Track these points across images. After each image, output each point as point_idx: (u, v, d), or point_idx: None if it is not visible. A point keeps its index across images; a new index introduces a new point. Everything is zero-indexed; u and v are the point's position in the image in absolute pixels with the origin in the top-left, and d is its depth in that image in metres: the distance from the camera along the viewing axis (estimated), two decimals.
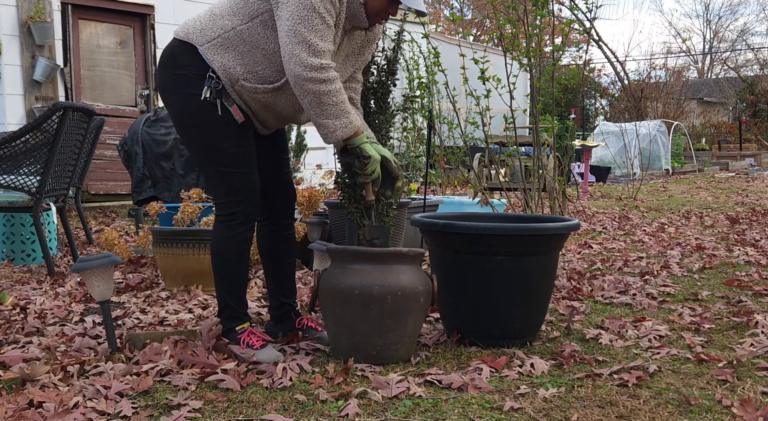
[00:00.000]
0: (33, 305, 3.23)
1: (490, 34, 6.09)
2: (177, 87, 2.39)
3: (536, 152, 5.59)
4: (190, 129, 2.43)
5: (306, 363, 2.32)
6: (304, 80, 2.25)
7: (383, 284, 2.31)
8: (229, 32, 2.33)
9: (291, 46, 2.24)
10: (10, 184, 4.03)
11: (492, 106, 5.32)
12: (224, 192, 2.43)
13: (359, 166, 2.43)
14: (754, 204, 8.47)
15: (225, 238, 2.45)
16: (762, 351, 2.47)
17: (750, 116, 26.16)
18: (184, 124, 2.45)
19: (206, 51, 2.33)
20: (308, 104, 2.30)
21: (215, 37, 2.34)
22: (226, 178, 2.41)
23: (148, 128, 6.88)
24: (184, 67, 2.37)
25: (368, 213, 2.63)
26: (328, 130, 2.33)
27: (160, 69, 2.46)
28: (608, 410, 1.97)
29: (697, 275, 3.98)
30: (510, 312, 2.57)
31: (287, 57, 2.25)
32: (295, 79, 2.26)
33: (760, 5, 45.70)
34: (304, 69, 2.23)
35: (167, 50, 2.44)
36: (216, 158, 2.40)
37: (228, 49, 2.33)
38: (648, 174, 14.26)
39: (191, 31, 2.37)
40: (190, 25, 2.39)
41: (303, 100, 2.30)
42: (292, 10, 2.23)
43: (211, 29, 2.35)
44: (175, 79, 2.39)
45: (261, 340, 2.46)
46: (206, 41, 2.34)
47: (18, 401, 1.97)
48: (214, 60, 2.33)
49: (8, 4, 7.60)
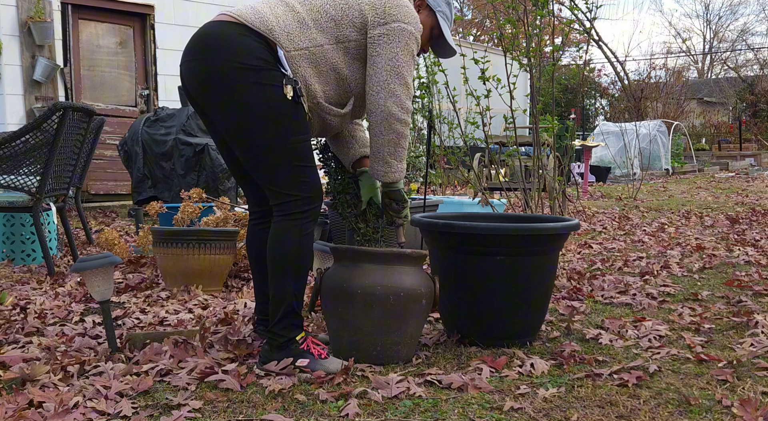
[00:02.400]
0: (33, 305, 3.23)
1: (490, 34, 6.08)
2: (255, 79, 2.20)
3: (536, 152, 5.59)
4: (268, 123, 2.23)
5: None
6: (396, 120, 2.32)
7: (386, 284, 2.32)
8: (318, 48, 2.28)
9: (392, 85, 2.29)
10: (10, 184, 4.03)
11: (492, 106, 5.32)
12: (302, 188, 2.29)
13: (397, 208, 2.53)
14: (754, 204, 8.47)
15: (300, 236, 2.29)
16: (762, 351, 2.47)
17: (750, 116, 26.17)
18: (260, 118, 2.23)
19: (294, 59, 2.24)
20: (386, 142, 2.35)
21: (304, 48, 2.26)
22: (305, 172, 2.30)
23: (148, 128, 6.88)
24: (260, 59, 2.20)
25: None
26: (391, 169, 2.40)
27: (217, 53, 2.21)
28: (608, 410, 1.97)
29: (697, 275, 3.98)
30: (510, 312, 2.57)
31: (384, 94, 2.29)
32: (386, 116, 2.31)
33: (760, 5, 45.69)
34: (400, 110, 2.31)
35: (228, 35, 2.22)
36: (296, 154, 2.28)
37: (311, 63, 2.27)
38: (648, 174, 14.26)
39: (276, 30, 2.22)
40: (272, 21, 2.23)
41: (383, 137, 2.34)
42: (397, 52, 2.29)
43: (299, 38, 2.25)
44: (250, 71, 2.20)
45: (323, 348, 2.35)
46: (295, 49, 2.24)
47: (18, 401, 1.97)
48: (298, 71, 2.25)
49: (8, 4, 7.61)
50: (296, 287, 2.31)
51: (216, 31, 2.25)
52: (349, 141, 2.64)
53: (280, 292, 2.30)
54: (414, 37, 2.34)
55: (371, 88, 2.32)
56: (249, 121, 2.24)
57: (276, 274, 2.31)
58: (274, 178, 2.29)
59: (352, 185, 2.69)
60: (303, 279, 2.34)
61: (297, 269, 2.31)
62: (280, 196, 2.29)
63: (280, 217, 2.31)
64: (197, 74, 2.27)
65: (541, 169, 5.64)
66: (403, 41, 2.30)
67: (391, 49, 2.29)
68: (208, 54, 2.23)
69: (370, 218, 2.64)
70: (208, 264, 3.56)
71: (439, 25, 2.53)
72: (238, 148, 2.32)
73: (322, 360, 2.28)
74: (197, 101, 2.34)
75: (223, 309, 3.13)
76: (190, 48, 2.29)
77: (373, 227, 2.65)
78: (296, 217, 2.29)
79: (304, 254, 2.31)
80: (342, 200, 2.73)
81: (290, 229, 2.29)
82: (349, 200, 2.69)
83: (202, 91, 2.28)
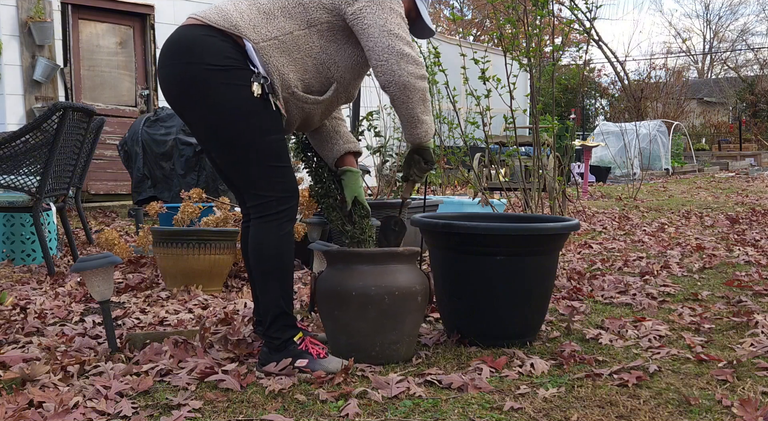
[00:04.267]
0: (33, 305, 3.23)
1: (490, 34, 6.08)
2: (222, 79, 2.19)
3: (536, 152, 5.59)
4: (237, 124, 2.21)
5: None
6: (416, 78, 2.28)
7: (380, 284, 2.31)
8: (287, 36, 2.24)
9: (397, 46, 2.24)
10: (10, 184, 4.03)
11: (492, 106, 5.33)
12: (276, 188, 2.27)
13: (425, 168, 2.50)
14: (754, 204, 8.47)
15: (278, 237, 2.27)
16: (762, 351, 2.47)
17: (750, 116, 26.17)
18: (230, 119, 2.21)
19: (264, 50, 2.20)
20: (415, 101, 2.31)
21: (272, 38, 2.22)
22: (280, 172, 2.27)
23: (148, 128, 6.88)
24: (228, 58, 2.19)
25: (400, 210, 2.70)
26: (428, 126, 2.38)
27: (184, 57, 2.21)
28: (608, 410, 1.97)
29: (697, 275, 3.98)
30: (510, 312, 2.57)
31: (394, 58, 2.24)
32: (408, 77, 2.26)
33: (760, 5, 45.72)
34: (416, 66, 2.28)
35: (194, 38, 2.21)
36: (268, 153, 2.25)
37: (283, 52, 2.24)
38: (648, 174, 14.26)
39: (240, 24, 2.19)
40: (235, 17, 2.21)
41: (411, 99, 2.30)
42: (386, 17, 2.25)
43: (266, 28, 2.22)
44: (218, 71, 2.18)
45: (322, 347, 2.33)
46: (263, 40, 2.20)
47: (18, 401, 1.97)
48: (269, 62, 2.20)
49: (8, 4, 7.61)
50: (282, 289, 2.29)
51: (183, 36, 2.25)
52: (333, 137, 2.57)
53: (268, 295, 2.29)
54: (397, 1, 2.29)
55: (377, 60, 2.26)
56: (220, 123, 2.23)
57: (260, 278, 2.30)
58: (248, 179, 2.28)
59: (334, 188, 2.62)
60: (288, 279, 2.32)
61: (280, 271, 2.29)
62: (255, 198, 2.29)
63: (257, 219, 2.29)
64: (169, 80, 2.28)
65: (541, 169, 5.64)
66: (387, 6, 2.26)
67: (379, 16, 2.25)
68: (176, 59, 2.24)
69: (356, 219, 2.60)
70: (208, 264, 3.56)
71: (416, 8, 2.46)
72: (213, 150, 2.33)
73: (321, 360, 2.27)
74: (174, 107, 2.34)
75: (223, 309, 3.13)
76: (162, 55, 2.30)
77: (360, 228, 2.62)
78: (272, 218, 2.27)
79: (285, 254, 2.29)
80: (326, 204, 2.68)
81: (268, 231, 2.27)
82: (332, 204, 2.63)
83: (175, 96, 2.29)
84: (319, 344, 2.35)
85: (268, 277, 2.29)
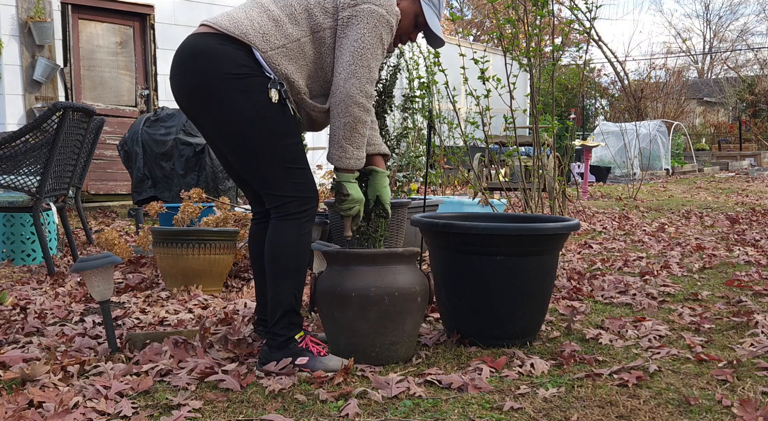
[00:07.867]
0: (33, 305, 3.24)
1: (490, 34, 6.08)
2: (239, 87, 2.22)
3: (536, 152, 5.59)
4: (257, 130, 2.24)
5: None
6: (353, 103, 2.26)
7: (380, 285, 2.31)
8: (294, 43, 2.26)
9: (354, 66, 2.24)
10: (10, 184, 4.03)
11: (492, 106, 5.33)
12: (299, 189, 2.30)
13: (337, 200, 2.43)
14: (754, 204, 8.47)
15: (298, 236, 2.30)
16: (762, 351, 2.47)
17: (750, 116, 26.15)
18: (249, 125, 2.24)
19: (272, 58, 2.23)
20: (341, 125, 2.29)
21: (281, 46, 2.24)
22: (298, 174, 2.30)
23: (148, 128, 6.88)
24: (243, 66, 2.22)
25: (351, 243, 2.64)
26: (345, 154, 2.33)
27: (200, 65, 2.23)
28: (608, 410, 1.97)
29: (697, 275, 3.98)
30: (510, 312, 2.57)
31: (345, 75, 2.25)
32: (344, 98, 2.26)
33: (760, 5, 45.72)
34: (359, 93, 2.26)
35: (207, 46, 2.24)
36: (288, 157, 2.28)
37: (291, 60, 2.26)
38: (648, 174, 14.27)
39: (250, 32, 2.22)
40: (246, 25, 2.23)
41: (339, 119, 2.29)
42: (363, 34, 2.24)
43: (275, 36, 2.24)
44: (234, 79, 2.21)
45: (322, 347, 2.34)
46: (271, 48, 2.23)
47: (18, 401, 1.97)
48: (279, 70, 2.24)
49: (8, 4, 7.61)
50: (295, 287, 2.32)
51: (197, 44, 2.26)
52: None
53: (279, 292, 2.31)
54: (385, 20, 2.28)
55: (336, 69, 2.29)
56: (239, 129, 2.25)
57: (274, 274, 2.32)
58: (268, 182, 2.30)
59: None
60: (301, 279, 2.34)
61: (295, 269, 2.32)
62: (276, 199, 2.30)
63: (278, 218, 2.31)
64: (184, 87, 2.29)
65: (541, 169, 5.65)
66: (372, 23, 2.26)
67: (357, 29, 2.25)
68: (191, 67, 2.25)
69: (373, 216, 2.63)
70: (208, 264, 3.56)
71: (423, 12, 2.45)
72: (231, 155, 2.33)
73: (321, 358, 2.28)
74: (188, 113, 2.35)
75: (223, 309, 3.13)
76: (175, 62, 2.31)
77: (374, 227, 2.65)
78: (294, 218, 2.30)
79: (302, 254, 2.32)
80: None
81: (288, 229, 2.30)
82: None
83: (191, 104, 2.30)
84: (320, 343, 2.36)
85: (284, 274, 2.31)
